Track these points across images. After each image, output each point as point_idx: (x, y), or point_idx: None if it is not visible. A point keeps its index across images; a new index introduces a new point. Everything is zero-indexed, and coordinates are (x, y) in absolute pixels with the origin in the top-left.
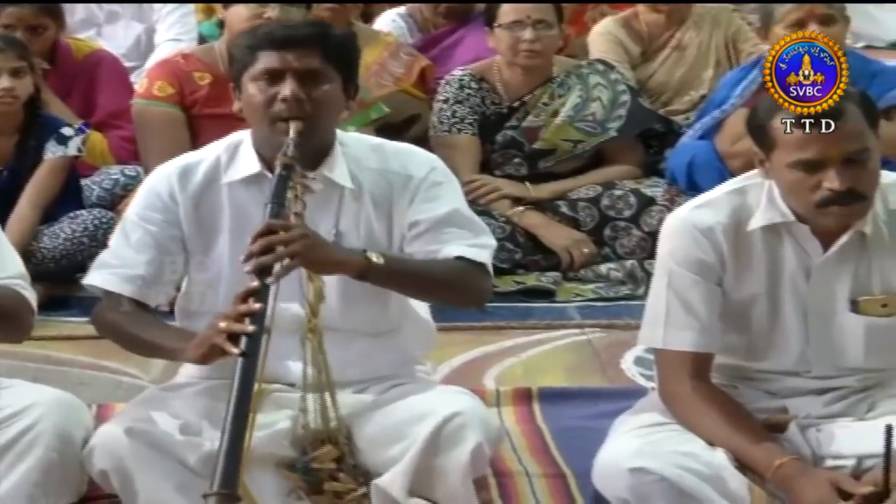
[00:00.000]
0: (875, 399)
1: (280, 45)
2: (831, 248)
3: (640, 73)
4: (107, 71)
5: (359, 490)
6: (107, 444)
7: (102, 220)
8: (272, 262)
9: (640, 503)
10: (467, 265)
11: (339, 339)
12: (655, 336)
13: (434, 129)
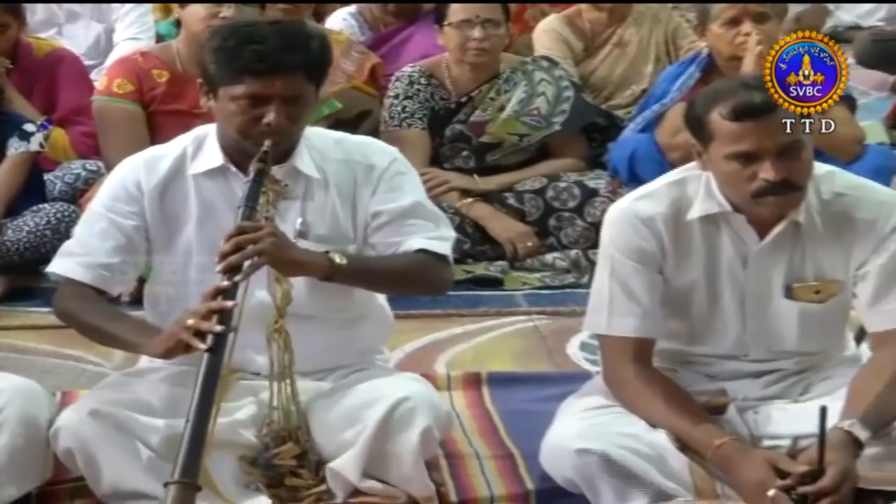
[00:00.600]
0: (810, 381)
1: (266, 71)
2: (767, 237)
3: (583, 69)
4: (67, 69)
5: (318, 487)
6: (72, 425)
7: (65, 214)
8: (241, 260)
9: (586, 483)
10: (429, 257)
11: (305, 328)
12: (599, 322)
13: (385, 124)
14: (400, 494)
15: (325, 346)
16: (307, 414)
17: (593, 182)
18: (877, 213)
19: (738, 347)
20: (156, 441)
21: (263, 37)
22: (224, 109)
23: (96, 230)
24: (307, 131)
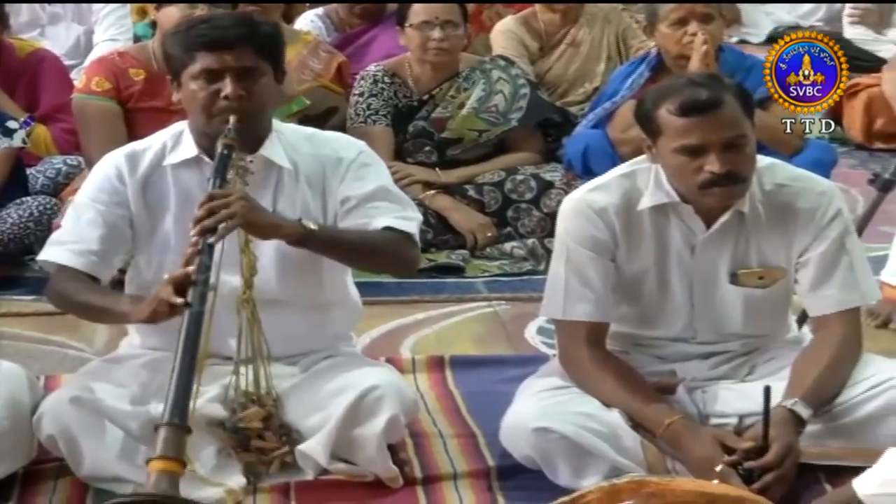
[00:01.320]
0: (755, 363)
1: (215, 47)
2: (713, 226)
3: (539, 68)
4: (48, 68)
5: (281, 449)
6: (54, 412)
7: (47, 206)
8: (214, 223)
9: (544, 460)
10: (396, 235)
11: (275, 313)
12: (555, 308)
13: (351, 121)
14: (366, 474)
15: (296, 331)
16: (279, 396)
17: (549, 175)
18: (817, 203)
19: (687, 330)
20: (135, 426)
21: (213, 18)
22: (188, 93)
23: (84, 220)
24: (279, 126)
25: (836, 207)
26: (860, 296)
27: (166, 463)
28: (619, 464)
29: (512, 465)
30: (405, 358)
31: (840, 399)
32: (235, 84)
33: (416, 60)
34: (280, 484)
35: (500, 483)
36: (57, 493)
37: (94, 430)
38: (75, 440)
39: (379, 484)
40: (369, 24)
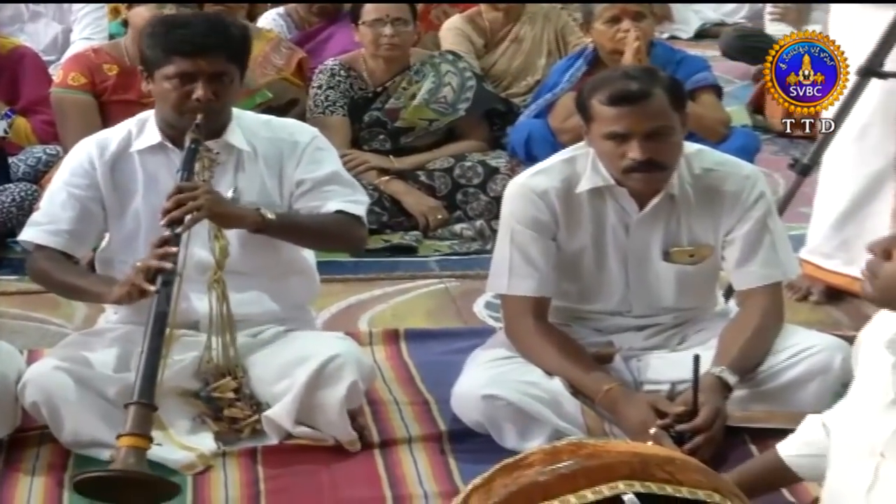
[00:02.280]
0: (685, 333)
1: (192, 53)
2: (646, 208)
3: (484, 62)
4: (29, 64)
5: (252, 417)
6: (37, 380)
7: (28, 192)
8: (182, 214)
9: (491, 424)
10: (346, 217)
11: (239, 281)
12: (500, 284)
13: (310, 112)
14: (327, 438)
15: (256, 297)
16: (246, 368)
17: (495, 161)
18: (741, 186)
19: (623, 305)
20: (112, 393)
21: (188, 23)
22: (160, 89)
23: (58, 202)
24: (239, 114)
25: (759, 190)
26: (782, 271)
27: (134, 439)
28: (560, 428)
29: (462, 429)
30: (363, 331)
31: (764, 366)
32: (207, 88)
33: (370, 55)
34: (248, 448)
35: (452, 446)
36: (40, 459)
37: (74, 396)
38: (57, 406)
39: (339, 448)
40: (326, 22)
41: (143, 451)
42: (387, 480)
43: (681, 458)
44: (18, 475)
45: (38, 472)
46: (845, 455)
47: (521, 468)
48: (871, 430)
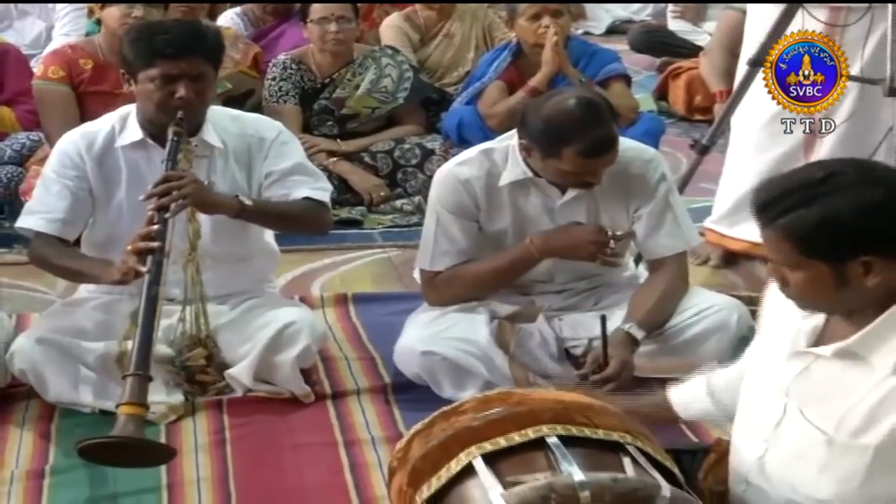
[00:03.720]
0: (600, 296)
1: (173, 56)
2: (567, 194)
3: (420, 56)
4: (12, 59)
5: (221, 382)
6: (23, 351)
7: (14, 175)
8: (170, 202)
9: (429, 377)
10: (312, 203)
11: (210, 263)
12: (425, 260)
13: (266, 101)
14: (283, 392)
15: (225, 275)
16: (214, 332)
17: (430, 144)
18: (645, 169)
19: (547, 276)
20: (91, 360)
21: (169, 29)
22: (143, 90)
23: (53, 192)
24: (211, 112)
25: (661, 172)
26: (684, 242)
27: (132, 408)
28: (490, 379)
29: (404, 381)
30: (315, 296)
31: (670, 323)
32: (189, 87)
33: (318, 50)
34: (214, 400)
35: (395, 396)
36: (29, 411)
37: (56, 364)
38: (41, 373)
39: (295, 400)
40: (279, 21)
41: (141, 418)
42: (338, 427)
43: (598, 405)
44: (9, 427)
45: (28, 424)
46: (755, 395)
47: (457, 415)
48: (778, 375)
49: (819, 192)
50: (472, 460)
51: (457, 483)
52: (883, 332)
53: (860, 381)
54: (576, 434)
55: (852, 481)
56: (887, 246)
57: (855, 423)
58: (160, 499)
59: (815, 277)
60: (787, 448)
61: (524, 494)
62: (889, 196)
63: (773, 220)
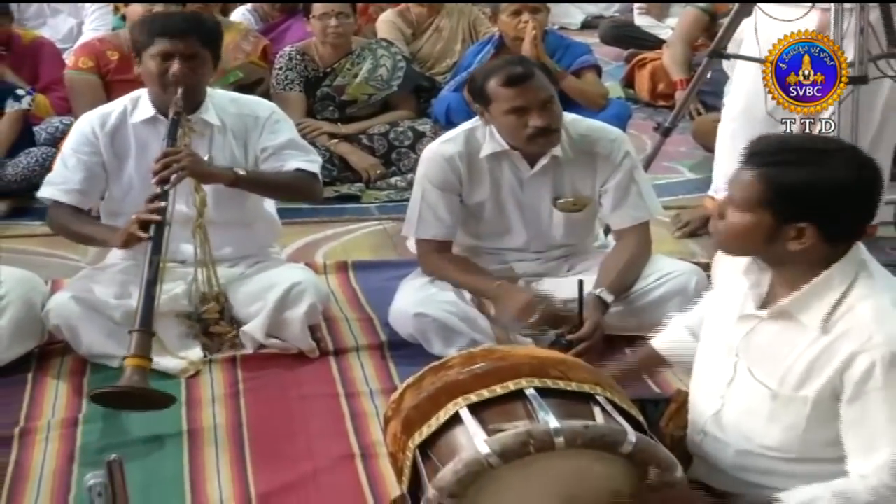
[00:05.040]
0: (573, 263)
1: (171, 35)
2: (535, 167)
3: (413, 48)
4: (46, 51)
5: (232, 332)
6: (58, 308)
7: (48, 154)
8: (169, 174)
9: (421, 336)
10: (304, 174)
11: (216, 228)
12: (411, 228)
13: (273, 88)
14: (292, 347)
15: (230, 240)
16: (226, 291)
17: (422, 127)
18: (610, 148)
19: (523, 244)
20: (118, 316)
21: (170, 14)
22: (146, 68)
23: (70, 166)
24: (211, 93)
25: (625, 150)
26: (648, 213)
27: (137, 360)
28: (476, 338)
29: (398, 339)
30: (319, 263)
31: (635, 287)
32: (182, 64)
33: (320, 42)
34: (229, 357)
35: (391, 353)
36: (64, 366)
37: (88, 319)
38: (75, 328)
39: (301, 355)
40: (286, 17)
41: (145, 369)
42: (339, 380)
43: (571, 360)
44: (47, 380)
45: (63, 378)
46: (710, 355)
47: (445, 369)
48: (728, 337)
49: (814, 160)
50: (459, 410)
51: (445, 430)
52: (812, 295)
53: (797, 340)
54: (551, 386)
55: (795, 429)
56: (827, 224)
57: (795, 378)
58: (181, 443)
59: (755, 224)
60: (740, 403)
61: (505, 440)
62: (861, 185)
63: (763, 165)
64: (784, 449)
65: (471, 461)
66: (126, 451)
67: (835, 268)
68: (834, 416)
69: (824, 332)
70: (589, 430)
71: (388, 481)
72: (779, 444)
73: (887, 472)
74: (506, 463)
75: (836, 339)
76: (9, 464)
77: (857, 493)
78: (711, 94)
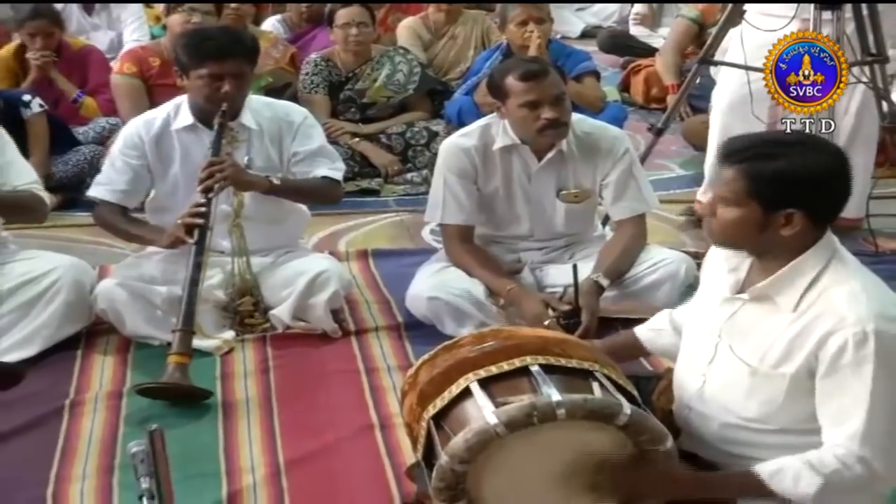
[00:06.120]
0: (574, 251)
1: (218, 59)
2: (542, 161)
3: (429, 54)
4: (94, 58)
5: (265, 324)
6: (104, 293)
7: (95, 153)
8: (213, 183)
9: (435, 317)
10: (329, 181)
11: (252, 224)
12: (436, 215)
13: (300, 92)
14: (316, 328)
15: (264, 233)
16: (258, 280)
17: (436, 127)
18: (611, 145)
19: (528, 231)
20: (159, 301)
21: (215, 36)
22: (194, 85)
23: (117, 167)
24: (249, 99)
25: (624, 147)
26: (646, 205)
27: (179, 357)
28: (485, 320)
29: (414, 321)
30: (342, 251)
31: (630, 273)
32: (231, 84)
33: (342, 50)
34: (259, 336)
35: (407, 333)
36: (110, 344)
37: (131, 304)
38: (119, 312)
39: (325, 335)
40: (312, 26)
41: (186, 365)
42: (360, 357)
43: (572, 340)
44: (94, 356)
45: (109, 355)
46: (694, 337)
47: (457, 347)
48: (712, 319)
49: (785, 151)
50: (470, 384)
51: (457, 403)
52: (787, 279)
53: (776, 321)
54: (553, 363)
55: (773, 403)
56: (812, 207)
57: (774, 356)
58: (216, 415)
59: (745, 217)
60: (720, 379)
61: (511, 411)
62: (833, 169)
63: (740, 161)
64: (762, 420)
65: (480, 430)
66: (166, 422)
67: (808, 254)
68: (809, 392)
69: (796, 312)
70: (588, 402)
71: (404, 449)
72: (757, 416)
73: (857, 442)
74: (512, 432)
75: (812, 321)
76: (61, 431)
77: (825, 462)
78: (700, 98)
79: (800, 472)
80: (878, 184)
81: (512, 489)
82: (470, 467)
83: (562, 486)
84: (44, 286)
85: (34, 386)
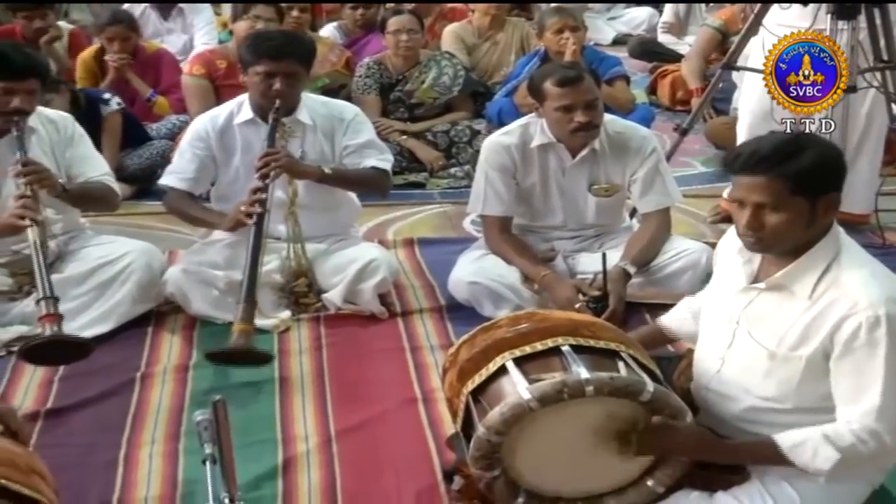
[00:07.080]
0: (603, 241)
1: (273, 57)
2: (576, 158)
3: (473, 59)
4: (166, 60)
5: (318, 303)
6: (172, 279)
7: (166, 147)
8: (269, 171)
9: (475, 301)
10: (378, 172)
11: (306, 212)
12: (477, 206)
13: (354, 93)
14: (365, 311)
15: (318, 221)
16: (312, 265)
17: (477, 126)
18: (640, 143)
19: (561, 222)
20: (222, 285)
21: (273, 37)
22: (251, 81)
23: (185, 158)
24: (305, 97)
25: (652, 146)
26: (670, 200)
27: (243, 325)
28: (520, 304)
29: (455, 304)
30: (390, 239)
31: (655, 262)
32: (283, 83)
33: (393, 54)
34: (314, 317)
35: (449, 315)
36: (177, 322)
37: (197, 288)
38: (186, 295)
39: (373, 317)
40: (365, 33)
41: (250, 332)
42: (405, 337)
43: (600, 322)
44: (163, 333)
45: (176, 332)
46: (712, 323)
47: (494, 328)
48: (729, 306)
49: (802, 145)
50: (506, 362)
51: (494, 379)
52: (803, 268)
53: (792, 308)
54: (583, 344)
55: (790, 383)
56: (840, 185)
57: (791, 339)
58: (274, 388)
59: (794, 216)
60: (739, 362)
61: (544, 388)
62: (836, 153)
63: (772, 168)
64: (779, 399)
65: (514, 405)
66: (228, 394)
67: (819, 245)
68: (824, 373)
69: (811, 299)
70: (614, 380)
71: (445, 421)
72: (775, 395)
73: (870, 417)
74: (543, 407)
75: (827, 307)
76: (132, 401)
77: (842, 435)
78: (722, 101)
79: (818, 447)
80: (886, 181)
81: (543, 457)
82: (505, 438)
83: (590, 450)
84: (118, 269)
85: (109, 359)
